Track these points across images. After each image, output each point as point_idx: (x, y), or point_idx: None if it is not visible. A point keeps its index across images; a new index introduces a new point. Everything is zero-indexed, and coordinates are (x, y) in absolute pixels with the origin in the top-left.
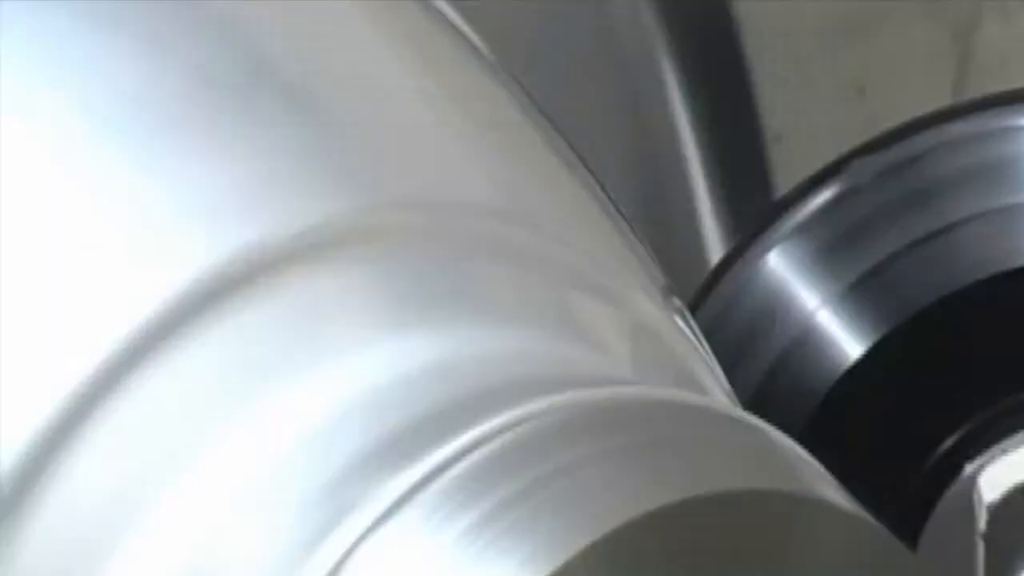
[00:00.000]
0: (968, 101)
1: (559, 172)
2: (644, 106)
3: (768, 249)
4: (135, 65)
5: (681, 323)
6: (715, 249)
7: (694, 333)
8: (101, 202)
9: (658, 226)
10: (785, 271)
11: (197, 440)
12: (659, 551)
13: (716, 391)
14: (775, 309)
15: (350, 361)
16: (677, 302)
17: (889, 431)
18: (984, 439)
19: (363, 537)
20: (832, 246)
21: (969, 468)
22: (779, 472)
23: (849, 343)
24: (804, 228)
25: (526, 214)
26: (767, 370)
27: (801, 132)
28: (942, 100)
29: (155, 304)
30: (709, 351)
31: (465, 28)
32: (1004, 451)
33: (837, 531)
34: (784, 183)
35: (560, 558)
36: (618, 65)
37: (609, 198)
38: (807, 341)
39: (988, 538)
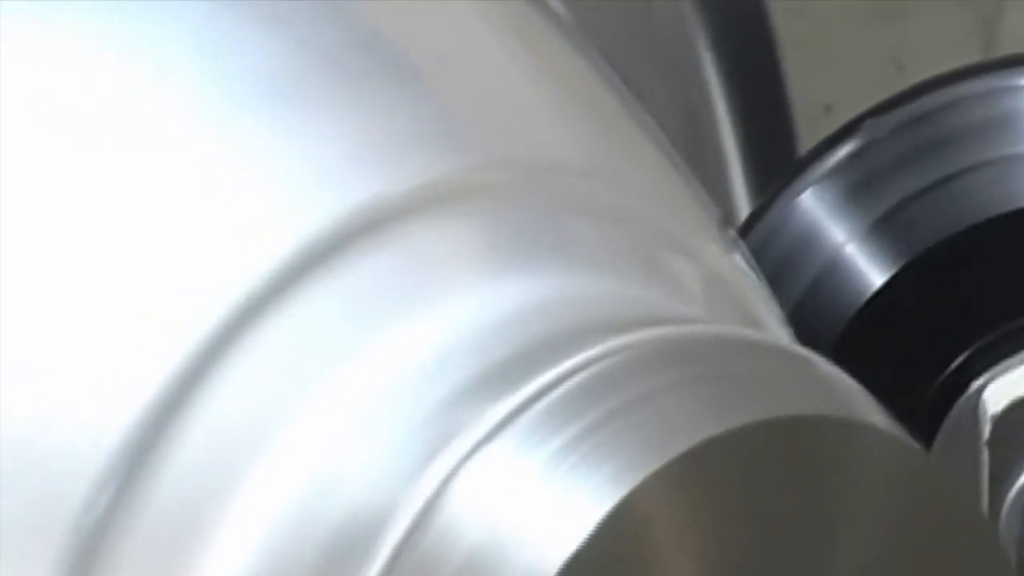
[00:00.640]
0: (974, 64)
1: (637, 135)
2: (691, 104)
3: (799, 192)
4: (267, 43)
5: (739, 257)
6: None
7: (749, 264)
8: (239, 162)
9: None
10: (815, 211)
11: (324, 372)
12: (726, 470)
13: (774, 325)
14: (807, 243)
15: (457, 302)
16: (732, 233)
17: (906, 351)
18: (989, 358)
19: (468, 456)
20: (855, 190)
21: (975, 384)
22: (832, 399)
23: (872, 273)
24: (831, 174)
25: (609, 173)
26: (800, 297)
27: (848, 104)
28: None
29: (289, 250)
30: (764, 280)
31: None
32: (1007, 369)
33: (882, 452)
34: None
35: (639, 476)
36: (664, 69)
37: (677, 155)
38: (835, 271)
39: (991, 445)
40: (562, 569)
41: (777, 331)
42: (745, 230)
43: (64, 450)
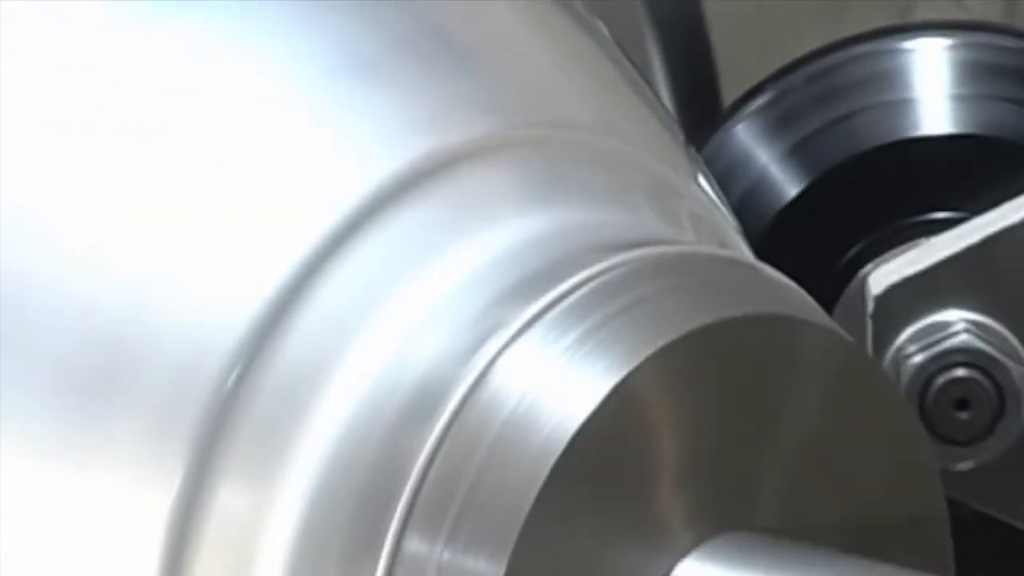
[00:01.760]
0: (864, 32)
1: (634, 98)
2: None
3: (734, 126)
4: (342, 24)
5: (708, 187)
6: None
7: (714, 188)
8: (344, 116)
9: None
10: (746, 140)
11: (400, 279)
12: (704, 356)
13: (736, 242)
14: (740, 163)
15: (498, 229)
16: (703, 166)
17: (813, 246)
18: (873, 252)
19: (506, 345)
20: (775, 125)
21: (863, 271)
22: (783, 301)
23: (788, 187)
24: (757, 113)
25: (615, 130)
26: (735, 204)
27: None
28: None
29: (377, 183)
30: (725, 201)
31: None
32: (886, 260)
33: (821, 342)
34: None
35: (636, 360)
36: None
37: (664, 110)
38: (761, 185)
39: (874, 319)
40: (578, 430)
41: (739, 247)
42: None
43: (199, 335)
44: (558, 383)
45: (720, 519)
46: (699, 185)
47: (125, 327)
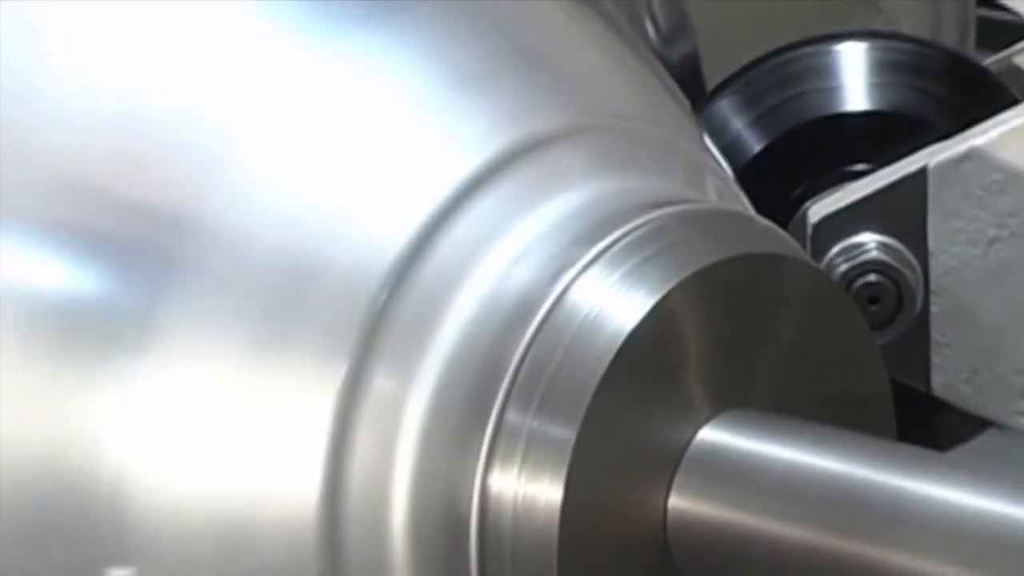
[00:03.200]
0: (812, 37)
1: (658, 86)
2: None
3: (717, 102)
4: (450, 44)
5: (716, 154)
6: None
7: (713, 145)
8: (448, 114)
9: None
10: (725, 112)
11: (504, 226)
12: (718, 283)
13: (738, 198)
14: (720, 128)
15: (574, 191)
16: (704, 128)
17: (770, 188)
18: (813, 192)
19: (578, 274)
20: (747, 101)
21: (804, 206)
22: (775, 243)
23: (754, 144)
24: (734, 93)
25: (652, 117)
26: None
27: None
28: None
29: (489, 155)
30: (726, 164)
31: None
32: (821, 198)
33: (799, 271)
34: None
35: (672, 284)
36: None
37: (679, 92)
38: (734, 144)
39: (812, 240)
40: (629, 334)
41: (739, 198)
42: None
43: (361, 263)
44: (613, 302)
45: (728, 400)
46: (709, 151)
47: (308, 259)
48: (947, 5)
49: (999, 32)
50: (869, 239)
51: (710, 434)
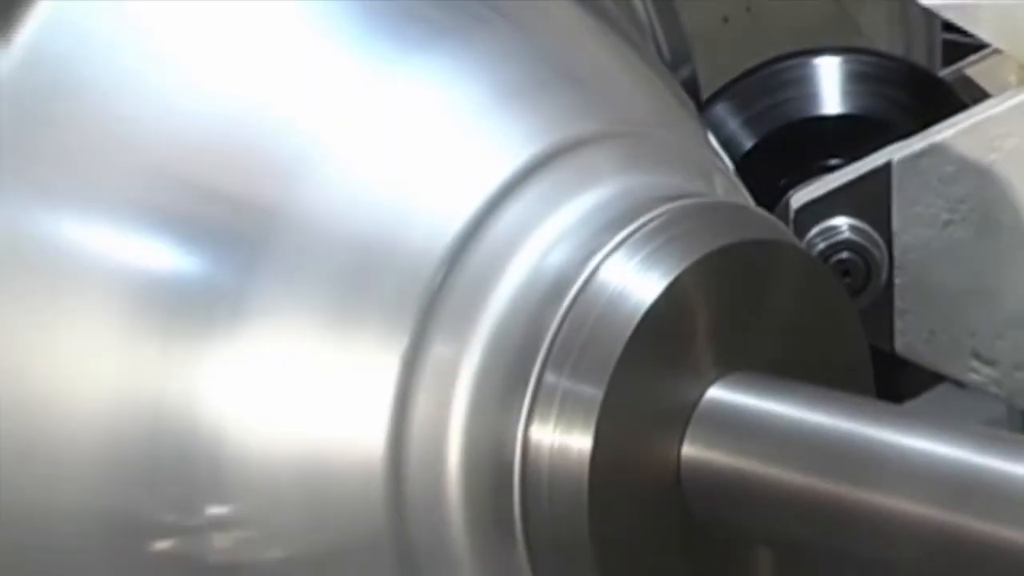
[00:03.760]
0: (795, 51)
1: (668, 93)
2: None
3: (714, 106)
4: (496, 63)
5: (719, 151)
6: None
7: (719, 151)
8: (496, 122)
9: None
10: (722, 114)
11: (544, 215)
12: (723, 265)
13: (739, 190)
14: (718, 127)
15: (602, 186)
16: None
17: (759, 178)
18: (795, 183)
19: (605, 257)
20: (739, 105)
21: (788, 195)
22: (772, 230)
23: (745, 142)
24: (728, 98)
25: (666, 122)
26: None
27: None
28: None
29: (533, 154)
30: (725, 156)
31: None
32: (802, 188)
33: (791, 255)
34: None
35: (684, 266)
36: None
37: (686, 97)
38: (730, 142)
39: (794, 223)
40: (648, 308)
41: (740, 190)
42: None
43: (420, 249)
44: (635, 281)
45: (732, 363)
46: (713, 150)
47: (376, 245)
48: (917, 29)
49: (961, 53)
50: (842, 222)
51: (717, 393)
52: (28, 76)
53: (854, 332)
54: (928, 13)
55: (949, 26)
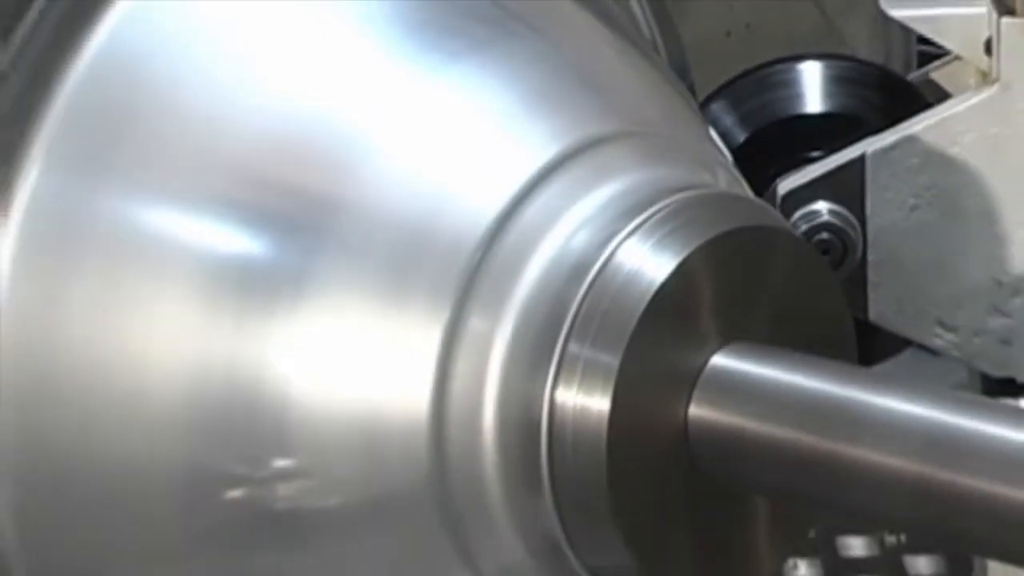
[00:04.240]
0: (782, 57)
1: (677, 99)
2: None
3: (711, 104)
4: (524, 69)
5: (720, 146)
6: None
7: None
8: (522, 122)
9: None
10: (718, 113)
11: (568, 203)
12: (725, 248)
13: (739, 182)
14: (715, 125)
15: (620, 179)
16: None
17: (752, 170)
18: (781, 172)
19: (621, 241)
20: (731, 105)
21: (776, 183)
22: (769, 218)
23: (738, 135)
24: (723, 97)
25: (674, 122)
26: None
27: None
28: None
29: (561, 150)
30: (725, 150)
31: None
32: (787, 177)
33: (785, 239)
34: None
35: (691, 249)
36: None
37: (690, 96)
38: (725, 136)
39: (780, 208)
40: (660, 285)
41: (739, 182)
42: None
43: (460, 234)
44: (648, 261)
45: (733, 334)
46: (715, 144)
47: (421, 230)
48: (896, 41)
49: (933, 61)
50: (823, 206)
51: (719, 360)
52: (110, 71)
53: (839, 307)
54: (906, 27)
55: (923, 39)
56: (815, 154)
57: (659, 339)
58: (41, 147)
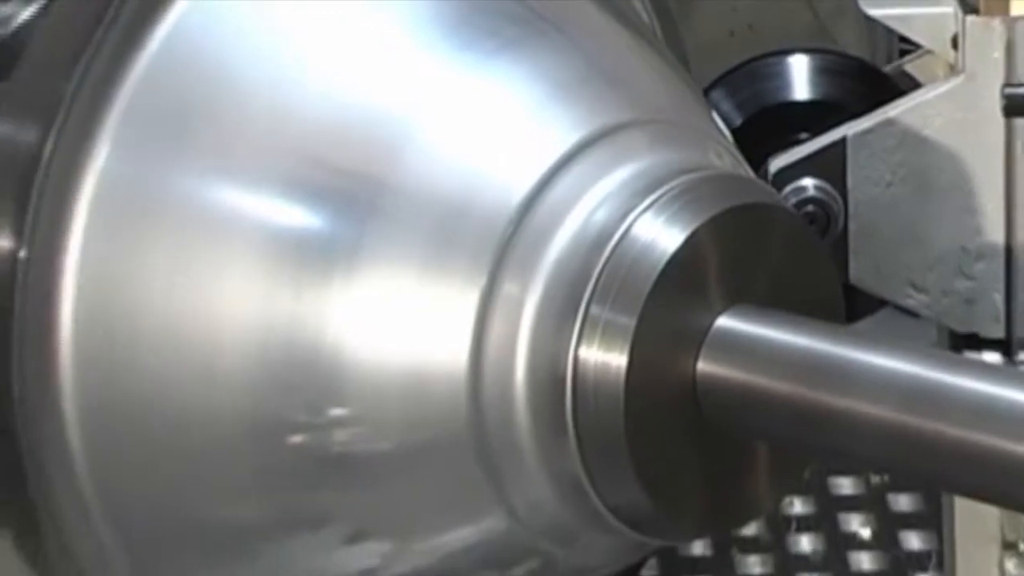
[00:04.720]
0: (773, 51)
1: (686, 90)
2: None
3: (711, 92)
4: (550, 64)
5: (724, 131)
6: None
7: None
8: (548, 112)
9: None
10: (716, 99)
11: (587, 185)
12: (729, 223)
13: (742, 162)
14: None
15: (636, 160)
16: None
17: (746, 150)
18: (772, 152)
19: (636, 217)
20: (726, 94)
21: (768, 162)
22: (764, 195)
23: (735, 119)
24: (720, 87)
25: (683, 110)
26: None
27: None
28: None
29: (583, 135)
30: (728, 134)
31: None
32: (777, 156)
33: (782, 215)
34: None
35: (698, 223)
36: None
37: (694, 85)
38: (724, 121)
39: (771, 185)
40: (671, 254)
41: (742, 164)
42: None
43: (495, 208)
44: (661, 233)
45: (737, 298)
46: (720, 131)
47: (461, 205)
48: (880, 40)
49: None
50: (809, 182)
51: (724, 322)
52: (177, 58)
53: (829, 274)
54: (890, 28)
55: (905, 38)
56: (802, 136)
57: (671, 302)
58: (111, 128)
